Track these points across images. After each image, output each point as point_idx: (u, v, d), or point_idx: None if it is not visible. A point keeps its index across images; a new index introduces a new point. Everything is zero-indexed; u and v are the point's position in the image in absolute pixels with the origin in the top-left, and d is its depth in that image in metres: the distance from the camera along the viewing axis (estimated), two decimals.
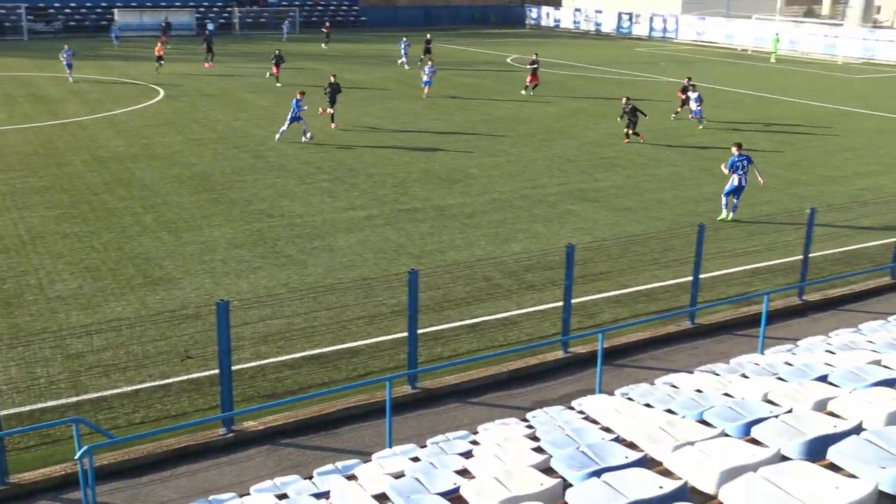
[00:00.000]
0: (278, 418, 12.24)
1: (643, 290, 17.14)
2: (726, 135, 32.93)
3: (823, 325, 15.67)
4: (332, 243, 19.36)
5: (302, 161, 27.32)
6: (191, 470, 11.21)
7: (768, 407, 7.84)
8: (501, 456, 7.55)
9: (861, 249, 19.76)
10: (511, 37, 79.17)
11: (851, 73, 55.85)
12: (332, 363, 13.80)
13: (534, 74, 41.79)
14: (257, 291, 16.42)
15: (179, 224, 20.60)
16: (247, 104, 38.50)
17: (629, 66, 56.33)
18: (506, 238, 19.99)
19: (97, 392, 12.64)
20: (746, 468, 5.68)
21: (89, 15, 74.49)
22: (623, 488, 5.71)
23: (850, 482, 5.19)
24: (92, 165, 26.43)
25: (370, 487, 7.60)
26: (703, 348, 15.05)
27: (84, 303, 15.83)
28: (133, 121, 34.01)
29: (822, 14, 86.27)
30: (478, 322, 15.45)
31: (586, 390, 13.00)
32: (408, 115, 36.11)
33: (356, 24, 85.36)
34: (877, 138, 33.04)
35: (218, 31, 56.39)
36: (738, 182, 21.25)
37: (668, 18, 78.70)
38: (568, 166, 27.27)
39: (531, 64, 42.13)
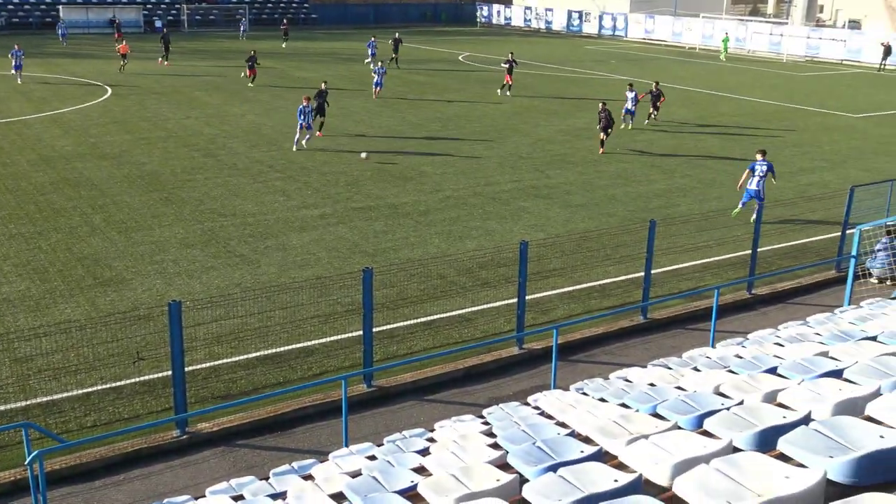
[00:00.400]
0: (233, 419, 12.15)
1: (596, 285, 17.31)
2: (675, 132, 33.38)
3: (772, 318, 15.97)
4: (285, 242, 19.24)
5: (254, 160, 27.10)
6: (144, 473, 11.08)
7: (720, 399, 7.97)
8: (458, 453, 7.57)
9: (808, 244, 20.16)
10: (462, 35, 79.35)
11: (796, 70, 56.90)
12: (286, 363, 13.73)
13: (509, 74, 41.56)
14: (210, 291, 16.26)
15: (129, 224, 20.32)
16: (197, 102, 38.08)
17: (580, 63, 56.77)
18: (460, 235, 20.04)
19: (47, 396, 12.43)
20: (699, 460, 5.76)
21: (33, 11, 73.08)
22: (579, 482, 5.77)
23: (800, 471, 5.30)
24: (38, 165, 25.95)
25: (327, 487, 7.58)
26: (655, 342, 15.25)
27: (32, 305, 15.55)
28: (80, 119, 33.44)
29: (767, 13, 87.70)
30: (433, 320, 15.48)
31: (541, 386, 13.11)
32: (360, 113, 36.01)
33: (307, 21, 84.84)
34: (821, 135, 33.71)
35: (165, 29, 55.08)
36: (754, 186, 21.09)
37: (618, 17, 79.47)
38: (520, 163, 27.41)
39: (506, 63, 41.80)
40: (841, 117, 37.97)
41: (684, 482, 5.39)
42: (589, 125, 34.26)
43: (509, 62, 41.70)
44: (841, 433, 5.78)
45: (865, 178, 24.90)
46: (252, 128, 32.39)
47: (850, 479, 5.37)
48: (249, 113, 35.59)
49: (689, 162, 28.26)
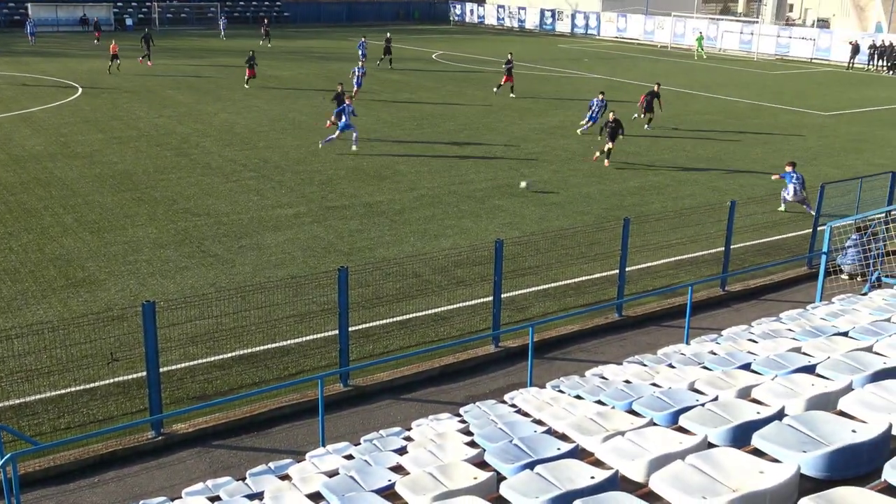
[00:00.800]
0: (209, 420, 12.10)
1: (571, 283, 17.39)
2: (649, 130, 33.57)
3: (745, 314, 16.12)
4: (259, 242, 19.16)
5: (227, 159, 26.96)
6: (120, 475, 11.01)
7: (694, 395, 8.05)
8: (435, 451, 7.58)
9: (779, 241, 20.36)
10: (436, 33, 79.31)
11: (767, 69, 57.41)
12: (262, 363, 13.68)
13: (509, 74, 41.44)
14: (184, 292, 16.16)
15: (102, 224, 20.15)
16: (169, 101, 37.81)
17: (553, 62, 56.94)
18: (435, 234, 20.06)
19: (19, 398, 12.30)
20: (675, 456, 5.82)
21: (1, 10, 72.19)
22: (556, 479, 5.80)
23: (774, 466, 5.37)
24: (8, 165, 25.66)
25: (304, 487, 7.57)
26: (630, 340, 15.34)
27: (3, 306, 15.38)
28: (50, 118, 33.10)
29: (737, 12, 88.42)
30: (408, 318, 15.48)
31: (518, 384, 13.15)
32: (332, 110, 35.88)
33: (279, 19, 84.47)
34: (792, 132, 34.04)
35: (146, 28, 53.80)
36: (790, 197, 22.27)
37: (590, 15, 79.81)
38: (495, 162, 27.46)
39: (506, 63, 41.86)
40: (811, 115, 38.36)
41: (660, 478, 5.45)
42: (563, 123, 34.40)
43: (509, 62, 41.87)
44: (814, 428, 5.86)
45: (836, 175, 25.20)
46: (225, 126, 32.22)
47: (823, 473, 5.44)
48: (222, 111, 35.39)
49: (662, 160, 28.45)
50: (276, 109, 36.11)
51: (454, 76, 48.61)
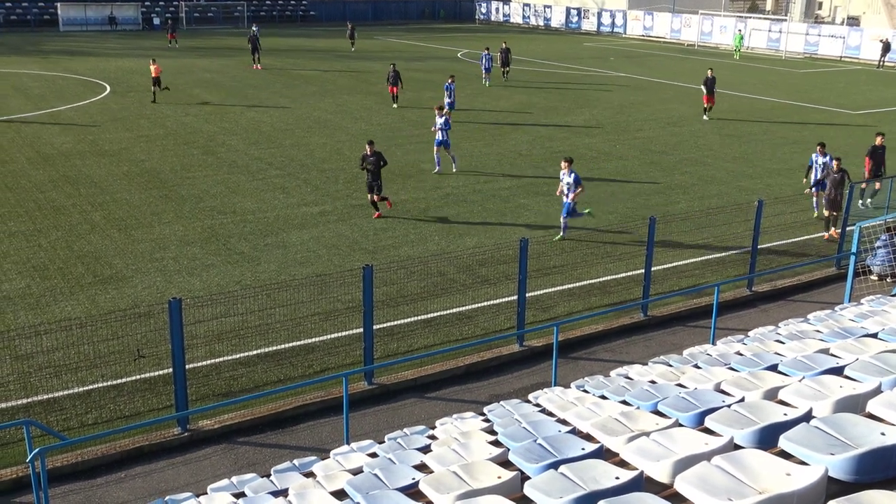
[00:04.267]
0: (234, 417, 12.17)
1: (596, 283, 17.32)
2: (675, 128, 33.39)
3: (773, 315, 15.99)
4: (284, 240, 19.24)
5: (253, 157, 27.10)
6: (146, 470, 11.10)
7: (720, 396, 7.99)
8: (459, 450, 7.58)
9: (808, 241, 20.17)
10: (461, 32, 79.28)
11: (795, 67, 56.89)
12: (287, 360, 13.74)
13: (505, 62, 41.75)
14: (210, 289, 16.27)
15: (129, 221, 20.33)
16: (196, 99, 38.05)
17: (578, 60, 56.76)
18: (459, 233, 20.05)
19: (48, 393, 12.44)
20: (700, 457, 5.78)
21: (31, 8, 72.99)
22: (580, 479, 5.78)
23: (801, 469, 5.32)
24: (37, 163, 25.94)
25: (328, 484, 7.59)
26: (656, 340, 15.26)
27: (32, 303, 15.55)
28: (79, 117, 33.43)
29: (765, 10, 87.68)
30: (433, 317, 15.49)
31: (542, 383, 13.13)
32: (359, 110, 36.00)
33: (305, 18, 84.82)
34: (820, 131, 33.68)
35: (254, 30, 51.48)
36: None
37: (616, 14, 79.46)
38: (520, 160, 27.41)
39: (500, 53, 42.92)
40: (840, 114, 37.96)
41: (685, 479, 5.41)
42: (588, 122, 34.28)
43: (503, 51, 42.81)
44: (842, 430, 5.80)
45: (865, 174, 24.89)
46: (252, 125, 32.39)
47: (851, 476, 5.38)
48: (249, 110, 35.57)
49: (687, 159, 28.27)
50: (302, 108, 36.25)
51: (479, 74, 48.54)
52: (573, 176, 19.30)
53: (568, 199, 19.32)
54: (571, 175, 19.31)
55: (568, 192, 19.38)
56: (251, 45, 48.55)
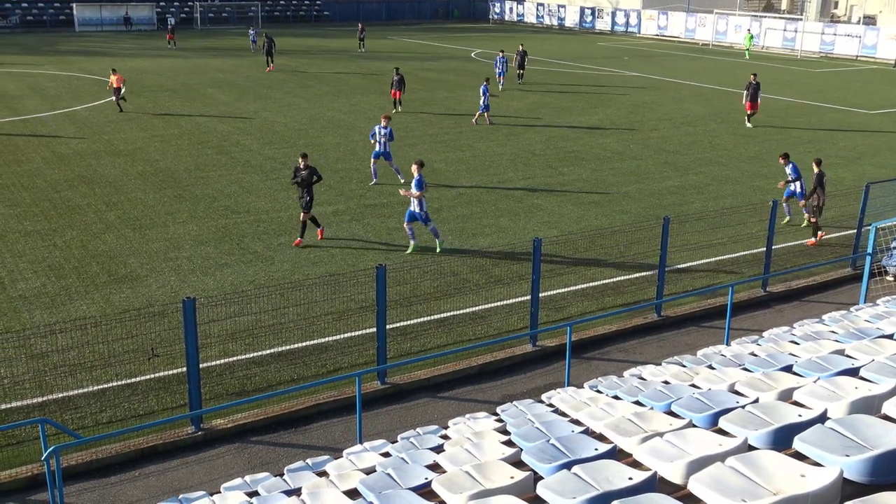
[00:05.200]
0: (248, 416, 12.20)
1: (610, 283, 17.28)
2: (689, 128, 33.28)
3: (787, 315, 15.92)
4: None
5: (266, 157, 27.17)
6: (160, 469, 11.14)
7: (735, 397, 7.95)
8: (472, 450, 7.57)
9: (823, 241, 20.05)
10: (474, 31, 79.26)
11: (811, 66, 56.61)
12: (300, 360, 13.77)
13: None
14: (224, 288, 16.32)
15: (144, 221, 20.41)
16: (210, 99, 38.19)
17: (592, 60, 56.65)
18: (473, 232, 20.04)
19: (63, 392, 12.50)
20: (714, 458, 5.75)
21: (47, 9, 73.42)
22: (593, 480, 5.77)
23: (816, 470, 5.29)
24: (53, 162, 26.09)
25: (341, 484, 7.60)
26: (669, 340, 15.21)
27: (48, 302, 15.64)
28: (94, 117, 33.59)
29: (781, 9, 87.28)
30: (446, 317, 15.49)
31: (555, 383, 13.11)
32: (373, 110, 36.02)
33: (319, 18, 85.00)
34: (836, 131, 33.53)
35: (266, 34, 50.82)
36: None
37: (631, 13, 79.28)
38: (533, 160, 27.38)
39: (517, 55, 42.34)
40: (856, 114, 37.75)
41: (699, 480, 5.39)
42: (602, 122, 34.21)
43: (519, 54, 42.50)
44: (857, 432, 5.76)
45: (881, 174, 24.78)
46: (266, 125, 32.48)
47: (866, 477, 5.35)
48: (263, 110, 35.67)
49: (702, 159, 28.17)
50: (316, 108, 36.32)
51: (493, 74, 48.51)
52: (416, 179, 18.23)
53: (415, 208, 18.19)
54: (416, 178, 18.26)
55: (411, 194, 18.24)
56: (265, 48, 48.26)
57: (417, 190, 18.20)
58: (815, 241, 19.83)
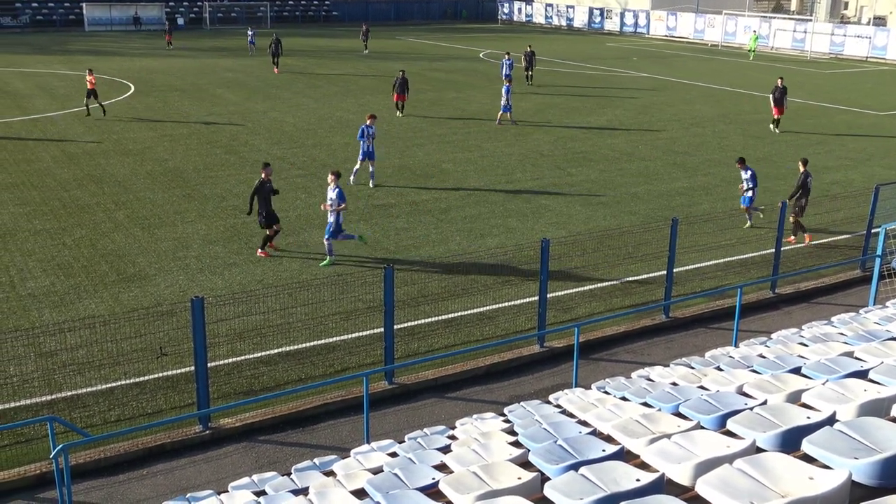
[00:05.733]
0: (255, 415, 12.22)
1: (618, 284, 17.26)
2: (698, 129, 33.22)
3: (796, 317, 15.88)
4: (306, 239, 19.30)
5: (275, 157, 27.19)
6: (168, 468, 11.17)
7: (743, 399, 7.93)
8: (479, 450, 7.57)
9: (832, 243, 20.00)
10: (483, 32, 79.23)
11: (820, 67, 56.43)
12: (308, 359, 13.78)
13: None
14: (232, 288, 16.35)
15: (152, 220, 20.46)
16: (219, 99, 38.25)
17: (601, 61, 56.58)
18: (481, 233, 20.03)
19: (71, 390, 12.54)
20: (722, 460, 5.74)
21: (57, 9, 73.65)
22: (601, 481, 5.76)
23: (825, 473, 5.27)
24: (62, 161, 26.17)
25: (349, 483, 7.61)
26: (677, 341, 15.19)
27: (57, 300, 15.69)
28: (103, 116, 33.66)
29: (790, 10, 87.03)
30: (454, 317, 15.49)
31: (563, 384, 13.10)
32: (381, 110, 36.01)
33: (328, 18, 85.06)
34: (845, 132, 33.41)
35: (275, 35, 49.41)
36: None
37: (640, 14, 79.14)
38: (542, 161, 27.35)
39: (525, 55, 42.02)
40: (866, 115, 37.62)
41: (707, 482, 5.38)
42: (611, 122, 34.17)
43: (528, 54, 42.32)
44: (866, 434, 5.74)
45: (891, 176, 24.68)
46: (274, 125, 32.52)
47: (875, 480, 5.33)
48: (271, 110, 35.72)
49: (711, 160, 28.11)
50: (324, 108, 36.35)
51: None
52: (337, 191, 17.66)
53: (331, 219, 17.71)
54: (335, 190, 17.68)
55: (332, 208, 17.72)
56: (271, 49, 47.52)
57: (340, 202, 17.66)
58: (796, 239, 19.66)
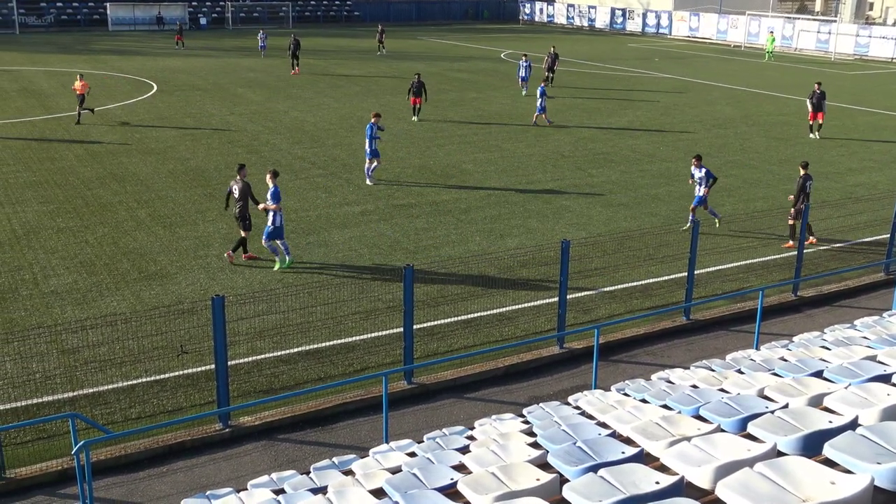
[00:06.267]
0: (274, 413, 12.26)
1: (638, 285, 17.19)
2: (720, 130, 33.03)
3: (818, 320, 15.75)
4: (326, 238, 19.35)
5: (296, 156, 27.29)
6: (187, 465, 11.23)
7: (764, 402, 7.87)
8: (498, 451, 7.56)
9: (855, 245, 19.83)
10: (504, 32, 79.15)
11: (844, 69, 55.98)
12: (327, 358, 13.81)
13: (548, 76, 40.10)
14: (252, 287, 16.41)
15: (174, 219, 20.58)
16: (240, 99, 38.43)
17: (623, 61, 56.38)
18: (501, 233, 20.01)
19: (93, 387, 12.64)
20: (742, 463, 5.70)
21: (81, 8, 74.24)
22: (620, 483, 5.73)
23: (846, 477, 5.22)
24: (85, 160, 26.37)
25: (367, 483, 7.61)
26: (698, 344, 15.11)
27: (79, 298, 15.81)
28: (127, 115, 33.92)
29: (814, 10, 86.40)
30: (473, 318, 15.48)
31: (582, 386, 13.06)
32: (402, 110, 36.07)
33: (349, 18, 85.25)
34: (870, 135, 33.13)
35: (293, 36, 48.61)
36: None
37: (662, 14, 78.80)
38: (562, 162, 27.29)
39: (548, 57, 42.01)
40: (891, 117, 37.28)
41: (727, 486, 5.34)
42: (632, 123, 34.05)
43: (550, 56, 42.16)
44: (889, 439, 5.69)
45: None
46: (295, 124, 32.64)
47: None
48: (293, 110, 35.85)
49: (733, 161, 27.94)
50: (346, 108, 36.44)
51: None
52: (272, 191, 17.36)
53: (268, 221, 17.33)
54: (271, 190, 17.40)
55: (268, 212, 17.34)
56: (290, 50, 47.02)
57: (274, 202, 17.33)
58: (794, 243, 19.24)
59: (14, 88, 40.31)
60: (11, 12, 69.32)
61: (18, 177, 24.18)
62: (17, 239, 18.91)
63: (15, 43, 60.76)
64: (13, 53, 54.33)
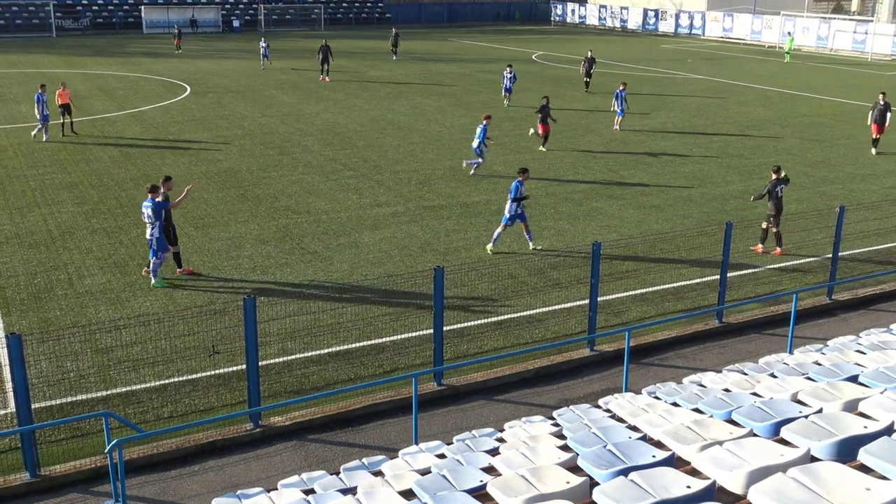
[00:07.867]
0: (305, 414, 12.31)
1: (670, 288, 17.06)
2: (753, 132, 32.72)
3: (853, 324, 15.54)
4: (357, 240, 19.41)
5: (327, 158, 27.41)
6: (219, 464, 11.30)
7: (797, 407, 7.78)
8: (527, 454, 7.54)
9: (891, 248, 19.55)
10: (536, 33, 79.00)
11: (882, 69, 55.23)
12: (357, 360, 13.85)
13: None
14: (283, 288, 16.50)
15: (206, 220, 20.75)
16: (273, 101, 38.67)
17: (655, 62, 56.05)
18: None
19: (126, 386, 12.77)
20: (775, 468, 5.64)
21: (116, 12, 75.16)
22: (650, 487, 5.70)
23: (882, 484, 5.15)
24: (119, 161, 26.66)
25: (397, 484, 7.62)
26: (730, 347, 14.97)
27: (113, 297, 15.98)
28: (160, 117, 34.26)
29: (851, 10, 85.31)
30: (503, 319, 15.45)
31: (613, 389, 12.98)
32: (433, 111, 36.13)
33: (381, 20, 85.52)
34: None
35: (325, 41, 47.14)
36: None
37: (695, 15, 78.24)
38: (593, 163, 27.17)
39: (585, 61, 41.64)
40: None
41: (760, 491, 5.29)
42: (664, 125, 33.83)
43: (587, 60, 42.01)
44: None
45: None
46: (327, 126, 32.78)
47: None
48: (325, 111, 36.02)
49: (767, 163, 27.63)
50: (377, 110, 36.54)
51: (554, 77, 48.38)
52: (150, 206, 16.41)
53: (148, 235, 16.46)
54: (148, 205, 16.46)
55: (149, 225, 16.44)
56: (321, 56, 45.71)
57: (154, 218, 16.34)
58: (764, 247, 19.01)
59: (50, 91, 40.78)
60: (48, 16, 70.35)
61: (54, 178, 24.51)
62: (53, 240, 19.15)
63: (52, 46, 61.60)
64: (50, 56, 55.09)
